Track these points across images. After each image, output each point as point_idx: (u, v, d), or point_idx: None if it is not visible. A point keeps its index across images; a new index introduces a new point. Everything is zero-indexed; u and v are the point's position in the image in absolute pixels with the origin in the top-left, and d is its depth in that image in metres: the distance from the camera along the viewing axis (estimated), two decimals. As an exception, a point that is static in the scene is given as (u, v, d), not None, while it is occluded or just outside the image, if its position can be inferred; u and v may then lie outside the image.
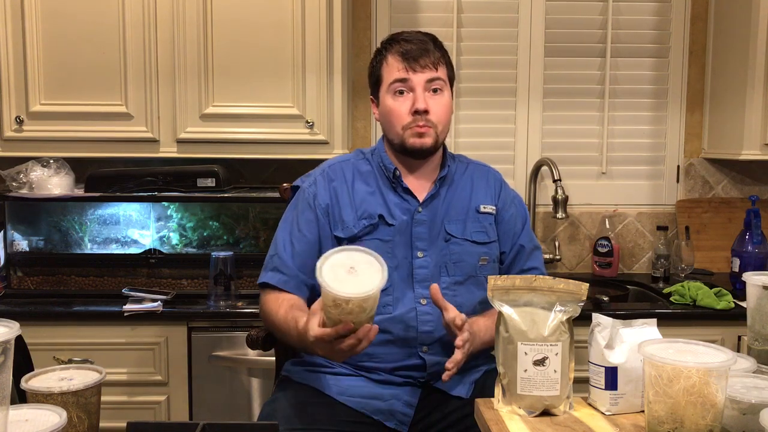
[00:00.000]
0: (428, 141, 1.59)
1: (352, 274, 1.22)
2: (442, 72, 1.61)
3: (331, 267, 1.23)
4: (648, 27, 2.77)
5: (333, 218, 1.62)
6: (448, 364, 1.39)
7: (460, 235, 1.63)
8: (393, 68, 1.60)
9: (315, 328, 1.26)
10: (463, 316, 1.42)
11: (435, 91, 1.60)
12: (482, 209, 1.67)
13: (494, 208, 1.69)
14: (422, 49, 1.59)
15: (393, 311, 1.57)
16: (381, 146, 1.70)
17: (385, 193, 1.64)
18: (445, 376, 1.40)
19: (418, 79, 1.58)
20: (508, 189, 1.75)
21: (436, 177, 1.67)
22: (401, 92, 1.59)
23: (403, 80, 1.58)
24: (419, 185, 1.66)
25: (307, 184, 1.68)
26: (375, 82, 1.66)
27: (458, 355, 1.40)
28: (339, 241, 1.60)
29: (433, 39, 1.64)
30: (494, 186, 1.72)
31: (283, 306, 1.53)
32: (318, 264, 1.22)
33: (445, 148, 1.70)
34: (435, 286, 1.44)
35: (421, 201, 1.64)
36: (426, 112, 1.57)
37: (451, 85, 1.66)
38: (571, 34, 2.75)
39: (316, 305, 1.28)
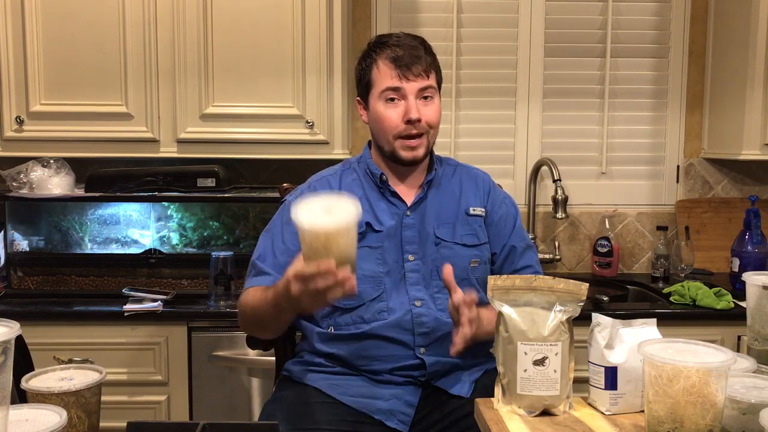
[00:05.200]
0: (420, 152, 1.60)
1: (328, 213, 1.22)
2: (432, 79, 1.60)
3: (306, 208, 1.24)
4: (648, 27, 2.77)
5: None
6: (457, 338, 1.37)
7: (450, 238, 1.63)
8: (385, 75, 1.58)
9: (296, 264, 1.24)
10: (473, 294, 1.41)
11: (426, 98, 1.59)
12: (472, 212, 1.67)
13: (483, 210, 1.68)
14: (414, 55, 1.58)
15: (388, 317, 1.57)
16: (367, 153, 1.70)
17: (372, 200, 1.64)
18: (452, 351, 1.38)
19: (411, 87, 1.57)
20: (498, 190, 1.75)
21: (423, 180, 1.66)
22: (392, 99, 1.58)
23: (395, 89, 1.57)
24: (407, 189, 1.66)
25: (292, 197, 1.68)
26: (365, 86, 1.64)
27: (467, 329, 1.37)
28: None
29: (423, 43, 1.63)
30: (483, 188, 1.71)
31: (261, 289, 1.52)
32: (293, 208, 1.23)
33: (431, 152, 1.70)
34: (448, 267, 1.42)
35: (409, 205, 1.64)
36: (419, 120, 1.57)
37: (439, 90, 1.66)
38: (571, 34, 2.75)
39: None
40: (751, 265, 2.37)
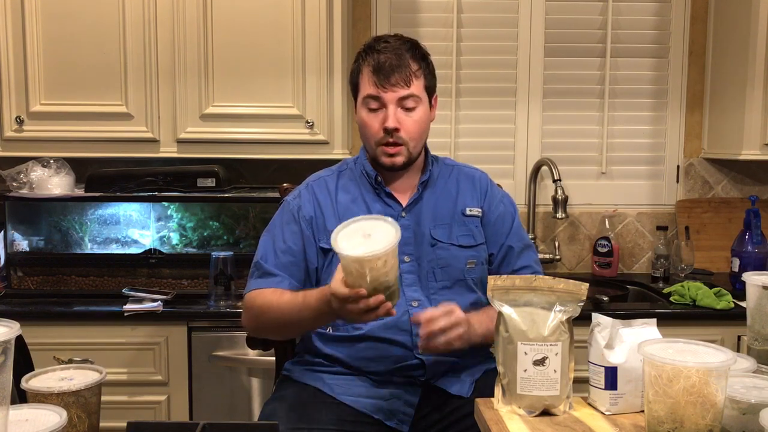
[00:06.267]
0: (399, 160, 1.59)
1: (366, 239, 1.27)
2: (416, 87, 1.57)
3: (346, 233, 1.29)
4: (648, 27, 2.77)
5: (317, 229, 1.62)
6: (421, 332, 1.42)
7: (446, 239, 1.62)
8: (366, 82, 1.58)
9: (335, 282, 1.30)
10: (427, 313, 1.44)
11: (408, 109, 1.57)
12: (468, 212, 1.66)
13: (480, 210, 1.67)
14: (395, 64, 1.55)
15: (385, 317, 1.56)
16: (363, 154, 1.70)
17: (368, 200, 1.64)
18: (420, 343, 1.43)
19: (390, 97, 1.55)
20: (495, 189, 1.74)
21: (419, 181, 1.66)
22: (374, 108, 1.58)
23: (374, 97, 1.57)
24: (402, 190, 1.66)
25: (291, 197, 1.69)
26: (354, 89, 1.66)
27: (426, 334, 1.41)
28: (324, 252, 1.60)
29: (412, 48, 1.59)
30: (480, 188, 1.70)
31: (287, 292, 1.53)
32: (334, 231, 1.29)
33: (427, 152, 1.69)
34: (415, 316, 1.47)
35: (404, 206, 1.64)
36: (396, 130, 1.56)
37: (431, 94, 1.63)
38: (571, 34, 2.75)
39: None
40: (751, 265, 2.37)
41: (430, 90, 1.63)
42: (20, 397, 1.17)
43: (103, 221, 2.38)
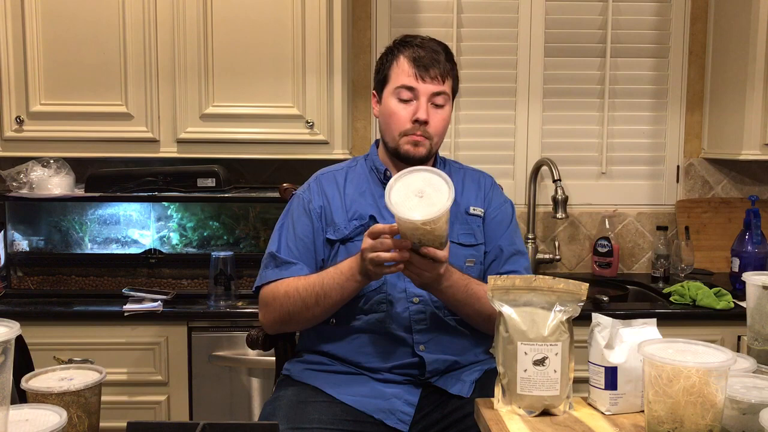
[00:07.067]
0: (422, 150, 1.62)
1: (420, 197, 1.35)
2: (447, 85, 1.63)
3: (400, 187, 1.37)
4: (648, 27, 2.77)
5: (325, 221, 1.65)
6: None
7: None
8: (402, 72, 1.61)
9: (378, 225, 1.41)
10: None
11: (437, 106, 1.62)
12: (471, 211, 1.69)
13: (483, 210, 1.70)
14: (434, 59, 1.60)
15: (386, 308, 1.58)
16: (374, 150, 1.74)
17: (376, 195, 1.67)
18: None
19: (425, 89, 1.60)
20: (498, 191, 1.77)
21: None
22: (406, 99, 1.61)
23: (410, 88, 1.60)
24: None
25: (301, 190, 1.72)
26: (381, 80, 1.67)
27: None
28: (331, 244, 1.63)
29: (446, 50, 1.65)
30: (484, 188, 1.73)
31: (311, 276, 1.56)
32: (392, 179, 1.37)
33: (436, 154, 1.72)
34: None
35: None
36: (426, 122, 1.59)
37: (453, 98, 1.68)
38: (571, 34, 2.75)
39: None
40: (751, 265, 2.37)
41: (454, 93, 1.68)
42: (20, 397, 1.17)
43: (103, 221, 2.38)
